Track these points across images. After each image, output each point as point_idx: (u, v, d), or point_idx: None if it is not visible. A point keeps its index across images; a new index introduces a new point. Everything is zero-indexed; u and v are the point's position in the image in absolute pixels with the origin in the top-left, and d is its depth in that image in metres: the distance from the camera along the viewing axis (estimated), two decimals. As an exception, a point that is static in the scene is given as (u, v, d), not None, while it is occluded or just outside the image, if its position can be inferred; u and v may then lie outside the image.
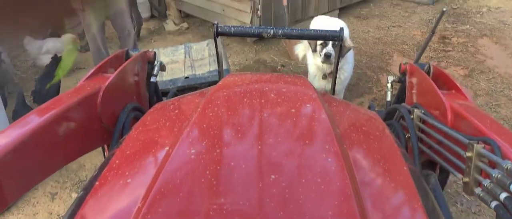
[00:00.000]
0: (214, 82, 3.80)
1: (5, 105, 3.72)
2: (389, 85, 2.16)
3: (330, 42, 3.34)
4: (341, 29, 1.97)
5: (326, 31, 2.05)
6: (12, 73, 4.46)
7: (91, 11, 4.14)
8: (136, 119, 1.74)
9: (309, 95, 1.33)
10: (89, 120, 1.48)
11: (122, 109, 1.62)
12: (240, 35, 2.07)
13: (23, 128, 1.23)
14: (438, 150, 1.47)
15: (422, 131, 1.58)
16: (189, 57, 4.22)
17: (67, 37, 4.80)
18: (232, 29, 2.03)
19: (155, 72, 2.05)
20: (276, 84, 1.46)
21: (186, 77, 3.99)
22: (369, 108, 2.15)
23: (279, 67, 4.93)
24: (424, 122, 1.56)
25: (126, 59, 1.93)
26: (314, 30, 2.08)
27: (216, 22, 1.99)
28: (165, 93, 2.27)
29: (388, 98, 2.18)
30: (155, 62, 2.09)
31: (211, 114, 1.17)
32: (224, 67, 3.94)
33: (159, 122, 1.29)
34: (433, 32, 3.18)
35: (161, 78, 3.94)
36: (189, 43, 4.54)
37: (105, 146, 1.68)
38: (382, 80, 4.63)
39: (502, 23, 5.90)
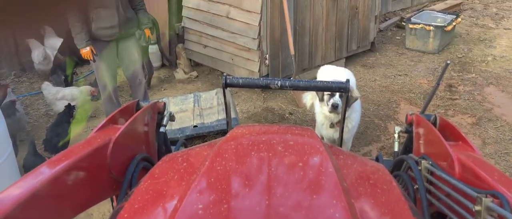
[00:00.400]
0: (223, 131, 3.84)
1: (16, 153, 3.77)
2: (396, 135, 2.17)
3: (337, 93, 3.38)
4: (347, 80, 2.01)
5: (333, 82, 2.09)
6: (24, 121, 4.54)
7: (104, 61, 4.24)
8: (145, 169, 1.76)
9: (316, 148, 1.35)
10: (99, 171, 1.51)
11: (131, 160, 1.64)
12: (248, 86, 2.11)
13: (35, 180, 1.25)
14: (446, 203, 1.46)
15: (430, 183, 1.58)
16: (198, 106, 4.28)
17: (86, 88, 4.94)
18: (240, 81, 2.07)
19: (164, 122, 2.08)
20: (284, 137, 1.48)
21: (195, 126, 4.04)
22: (377, 158, 2.16)
23: (287, 115, 4.97)
24: (432, 173, 1.57)
25: (137, 110, 1.97)
26: (320, 81, 2.12)
27: (224, 74, 2.04)
28: (173, 142, 2.30)
29: (396, 148, 2.19)
30: (165, 112, 2.13)
31: (219, 167, 1.19)
32: (233, 115, 3.99)
33: (168, 175, 1.31)
34: (438, 83, 3.22)
35: (170, 127, 3.99)
36: (198, 92, 4.60)
37: (114, 197, 1.69)
38: (389, 128, 4.64)
39: (508, 71, 5.95)
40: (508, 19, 8.13)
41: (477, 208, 1.25)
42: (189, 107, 4.30)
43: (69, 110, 4.28)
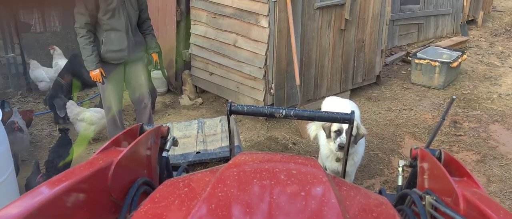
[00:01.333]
0: (225, 158, 3.83)
1: (17, 173, 3.75)
2: (400, 169, 2.15)
3: (344, 131, 3.40)
4: (352, 112, 2.00)
5: (338, 113, 2.09)
6: (28, 142, 4.54)
7: (111, 83, 4.27)
8: (146, 193, 1.74)
9: (319, 178, 1.34)
10: (99, 193, 1.49)
11: (132, 184, 1.63)
12: (253, 114, 2.11)
13: (34, 200, 1.24)
14: None
15: (434, 218, 1.55)
16: (202, 132, 4.27)
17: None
18: (245, 108, 2.07)
19: (167, 147, 2.07)
20: (287, 165, 1.47)
21: (198, 152, 4.03)
22: (380, 192, 2.13)
23: (290, 145, 4.95)
24: (436, 209, 1.54)
25: (141, 134, 1.97)
26: (325, 112, 2.11)
27: (229, 101, 2.04)
28: (176, 168, 2.29)
29: (399, 182, 2.16)
30: (168, 137, 2.12)
31: (220, 194, 1.17)
32: (236, 143, 3.98)
33: (168, 199, 1.29)
34: (443, 119, 3.21)
35: (173, 152, 3.98)
36: (203, 118, 4.60)
37: None
38: (393, 162, 4.60)
39: (514, 109, 5.94)
40: (513, 58, 8.17)
41: None
42: (192, 133, 4.30)
43: (65, 134, 4.28)
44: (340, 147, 3.40)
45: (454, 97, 3.26)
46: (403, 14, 8.39)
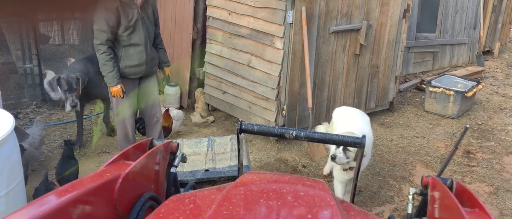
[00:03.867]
0: (234, 178, 3.80)
1: (26, 182, 3.77)
2: (410, 197, 2.12)
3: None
4: (363, 136, 1.98)
5: (348, 137, 2.07)
6: (39, 153, 4.57)
7: (127, 98, 4.29)
8: (152, 208, 1.72)
9: (326, 201, 1.32)
10: (105, 206, 1.49)
11: (139, 198, 1.62)
12: (263, 134, 2.11)
13: (39, 209, 1.24)
14: None
15: None
16: (212, 150, 4.27)
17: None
18: (255, 128, 2.07)
19: (176, 163, 2.07)
20: (295, 187, 1.45)
21: (206, 170, 4.01)
22: None
23: (300, 168, 4.91)
24: None
25: (150, 148, 1.97)
26: (336, 135, 2.10)
27: (240, 119, 2.04)
28: (183, 184, 2.28)
29: (409, 211, 2.12)
30: (177, 153, 2.12)
31: (225, 212, 1.16)
32: (245, 163, 3.96)
33: (173, 215, 1.28)
34: (456, 147, 3.17)
35: (182, 169, 3.97)
36: (213, 136, 4.59)
37: None
38: (404, 190, 4.54)
39: (529, 142, 5.83)
40: (530, 90, 8.07)
41: None
42: (202, 151, 4.29)
43: (69, 146, 4.25)
44: (332, 158, 3.54)
45: (468, 126, 3.22)
46: (419, 42, 8.38)
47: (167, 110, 5.19)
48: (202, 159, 4.19)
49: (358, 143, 2.00)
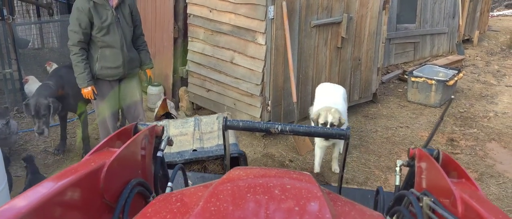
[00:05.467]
0: (222, 156, 3.74)
1: (11, 189, 3.71)
2: (397, 169, 2.13)
3: (329, 125, 4.08)
4: (348, 128, 1.99)
5: (333, 129, 2.08)
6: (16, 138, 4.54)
7: (106, 100, 4.26)
8: (140, 194, 1.70)
9: (313, 193, 1.32)
10: (91, 195, 1.45)
11: (126, 185, 1.59)
12: (248, 129, 2.10)
13: (23, 203, 1.20)
14: None
15: None
16: (198, 130, 4.16)
17: None
18: (241, 124, 2.07)
19: (162, 147, 2.02)
20: (281, 180, 1.45)
21: (194, 150, 3.91)
22: (377, 191, 2.11)
23: (287, 162, 4.92)
24: (433, 211, 1.51)
25: (135, 133, 1.92)
26: (321, 128, 2.11)
27: (224, 116, 2.03)
28: (172, 166, 2.23)
29: (397, 182, 2.14)
30: (163, 136, 2.08)
31: (213, 208, 1.16)
32: (233, 141, 3.89)
33: (160, 214, 1.27)
34: (442, 118, 3.21)
35: (169, 150, 3.88)
36: (199, 116, 4.49)
37: None
38: (390, 180, 4.58)
39: (510, 128, 5.94)
40: (509, 77, 8.21)
41: None
42: (189, 131, 4.18)
43: (29, 161, 4.11)
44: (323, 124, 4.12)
45: (453, 96, 3.25)
46: (399, 33, 8.45)
47: (165, 100, 5.15)
48: (189, 139, 4.09)
49: (342, 134, 2.01)
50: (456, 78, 6.81)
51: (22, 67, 6.30)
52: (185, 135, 4.13)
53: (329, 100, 4.56)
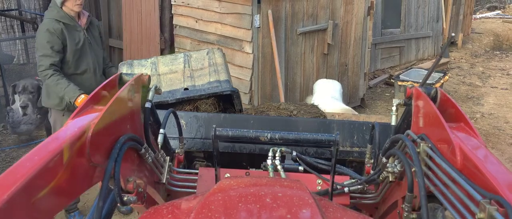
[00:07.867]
0: (214, 94, 3.65)
1: None
2: (393, 108, 2.05)
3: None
4: (337, 134, 1.99)
5: (322, 135, 2.08)
6: None
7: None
8: (132, 149, 1.64)
9: (305, 200, 1.32)
10: (78, 161, 1.37)
11: (115, 143, 1.52)
12: (238, 138, 2.09)
13: (9, 179, 1.15)
14: (445, 193, 1.36)
15: (429, 167, 1.49)
16: (189, 67, 4.02)
17: None
18: (230, 132, 2.06)
19: (150, 97, 1.96)
20: (272, 189, 1.45)
21: (185, 89, 3.80)
22: (373, 126, 2.08)
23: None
24: (430, 157, 1.48)
25: (120, 83, 1.85)
26: (310, 134, 2.10)
27: (214, 125, 2.02)
28: (163, 106, 2.11)
29: (393, 122, 2.06)
30: (150, 86, 2.02)
31: (205, 219, 1.15)
32: (225, 78, 3.81)
33: (151, 227, 1.25)
34: (441, 56, 3.18)
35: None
36: (189, 52, 4.37)
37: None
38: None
39: (497, 128, 6.00)
40: (494, 78, 8.32)
41: (480, 215, 1.14)
42: (179, 68, 4.03)
43: None
44: None
45: (453, 34, 3.21)
46: (385, 38, 8.54)
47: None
48: (179, 77, 3.94)
49: (331, 140, 2.01)
50: (442, 81, 6.88)
51: (7, 83, 6.23)
52: (175, 73, 3.93)
53: (329, 95, 4.80)
